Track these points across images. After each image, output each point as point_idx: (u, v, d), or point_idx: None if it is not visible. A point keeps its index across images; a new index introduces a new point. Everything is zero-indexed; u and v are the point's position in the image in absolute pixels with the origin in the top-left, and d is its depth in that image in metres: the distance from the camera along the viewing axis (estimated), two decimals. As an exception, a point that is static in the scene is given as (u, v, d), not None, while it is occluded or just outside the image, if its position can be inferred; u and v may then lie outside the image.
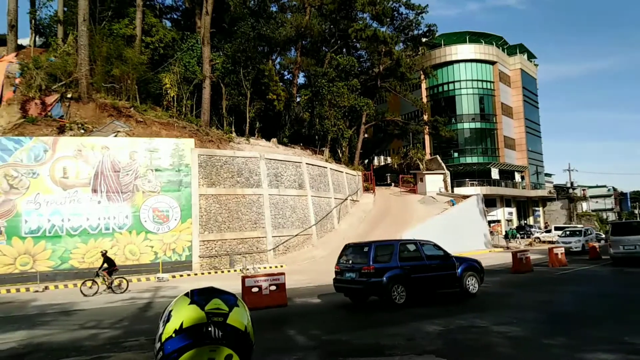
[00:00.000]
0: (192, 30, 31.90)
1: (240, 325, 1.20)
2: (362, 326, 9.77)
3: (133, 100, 25.64)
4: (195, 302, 1.21)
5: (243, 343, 1.20)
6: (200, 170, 22.94)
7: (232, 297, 1.26)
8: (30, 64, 23.33)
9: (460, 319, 9.77)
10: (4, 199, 19.84)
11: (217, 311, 1.19)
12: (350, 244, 13.38)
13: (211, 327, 1.16)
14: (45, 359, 8.21)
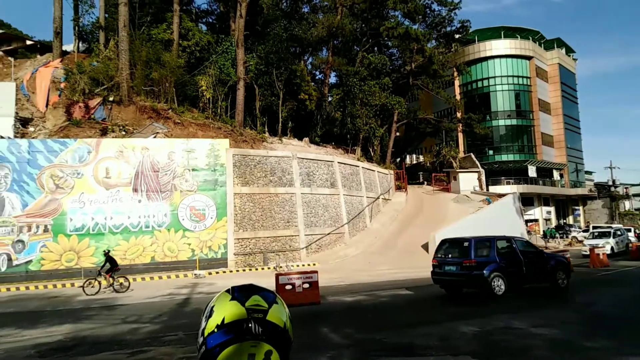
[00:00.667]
0: (227, 33, 32.59)
1: (279, 321, 1.24)
2: (395, 325, 9.75)
3: (171, 103, 26.48)
4: (236, 299, 1.26)
5: (282, 339, 1.23)
6: (234, 170, 23.47)
7: (272, 294, 1.30)
8: (74, 69, 24.42)
9: (497, 320, 9.65)
10: (50, 198, 20.84)
11: (257, 307, 1.23)
12: (447, 239, 14.17)
13: (251, 323, 1.21)
14: (90, 352, 8.51)
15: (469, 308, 11.60)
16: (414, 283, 16.32)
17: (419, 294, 14.08)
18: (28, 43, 32.61)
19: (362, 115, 33.75)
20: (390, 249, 25.96)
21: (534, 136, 51.44)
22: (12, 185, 20.51)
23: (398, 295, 14.11)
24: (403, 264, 22.55)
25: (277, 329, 1.23)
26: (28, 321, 11.75)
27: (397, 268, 21.45)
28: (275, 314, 1.25)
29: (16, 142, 21.17)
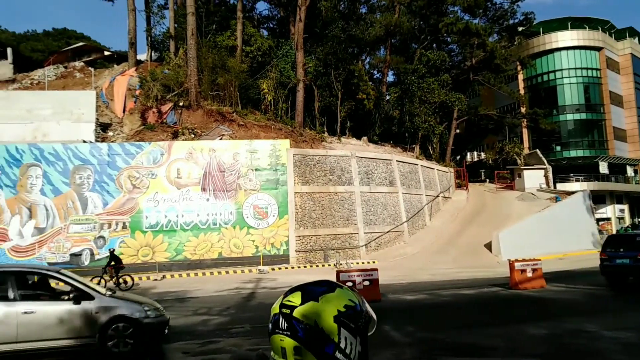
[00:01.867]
0: (287, 37, 33.54)
1: (309, 320, 1.23)
2: (458, 325, 9.62)
3: (235, 106, 27.72)
4: (284, 294, 1.32)
5: (313, 338, 1.22)
6: (295, 169, 24.19)
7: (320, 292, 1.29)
8: (148, 77, 26.18)
9: (568, 323, 9.27)
10: (128, 197, 22.49)
11: (288, 303, 1.27)
12: (614, 234, 15.83)
13: (280, 318, 1.26)
14: (166, 341, 8.84)
15: (535, 309, 11.32)
16: (477, 283, 16.10)
17: (482, 294, 13.86)
18: (106, 54, 35.30)
19: (421, 113, 33.55)
20: (451, 248, 25.72)
21: (605, 131, 48.58)
22: (94, 185, 22.29)
23: (460, 294, 13.94)
24: (465, 263, 22.30)
25: (306, 326, 1.22)
26: None
27: (458, 267, 21.24)
28: (308, 311, 1.24)
29: (97, 145, 23.01)
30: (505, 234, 24.46)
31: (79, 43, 41.51)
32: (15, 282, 7.83)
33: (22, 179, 21.89)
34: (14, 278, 7.88)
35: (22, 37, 58.98)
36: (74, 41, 49.27)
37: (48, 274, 8.47)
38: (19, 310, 7.52)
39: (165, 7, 33.84)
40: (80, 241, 21.80)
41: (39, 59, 40.86)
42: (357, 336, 1.26)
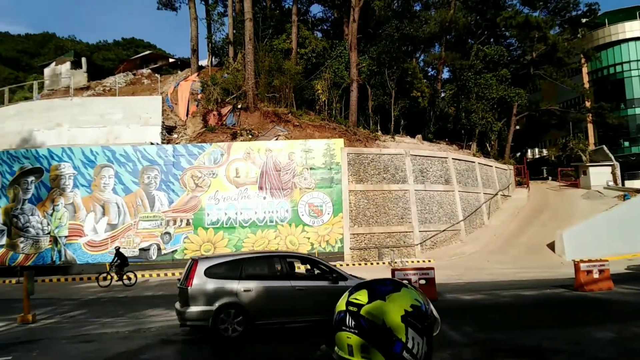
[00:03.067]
0: (340, 38, 33.99)
1: (377, 319, 1.23)
2: (519, 326, 9.42)
3: (290, 107, 28.49)
4: (349, 291, 1.33)
5: (380, 337, 1.22)
6: (349, 168, 24.51)
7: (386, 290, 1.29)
8: (209, 82, 27.48)
9: (637, 327, 8.87)
10: (191, 195, 23.71)
11: (355, 301, 1.27)
12: None
13: (347, 315, 1.27)
14: None
15: (602, 311, 10.95)
16: (539, 283, 15.68)
17: (545, 295, 13.50)
18: (170, 61, 37.32)
19: (478, 110, 32.87)
20: (510, 248, 25.05)
21: (678, 124, 45.34)
22: (161, 184, 23.69)
23: (521, 295, 13.61)
24: (526, 264, 21.59)
25: (374, 325, 1.23)
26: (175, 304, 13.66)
27: (518, 267, 20.66)
28: (374, 311, 1.24)
29: (163, 147, 24.42)
30: (569, 233, 23.55)
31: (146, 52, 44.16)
32: (284, 264, 9.57)
33: (96, 179, 23.62)
34: (283, 261, 9.66)
35: (94, 47, 63.41)
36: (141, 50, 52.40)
37: (308, 258, 10.42)
38: (294, 285, 9.17)
39: (225, 14, 35.39)
40: (148, 237, 23.23)
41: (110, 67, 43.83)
42: (423, 336, 1.26)
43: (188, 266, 9.45)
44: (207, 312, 8.65)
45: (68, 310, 13.27)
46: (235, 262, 9.60)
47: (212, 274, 9.01)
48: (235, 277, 9.11)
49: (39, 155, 23.94)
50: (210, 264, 9.22)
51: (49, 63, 40.69)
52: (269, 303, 9.04)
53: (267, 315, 9.07)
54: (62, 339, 9.38)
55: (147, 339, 9.12)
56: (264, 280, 9.30)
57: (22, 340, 8.52)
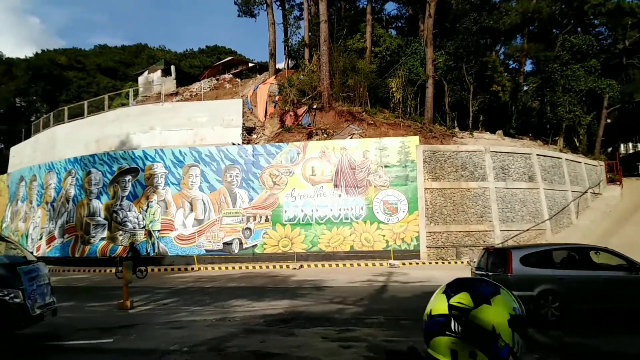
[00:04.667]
0: (415, 34, 33.64)
1: (485, 324, 1.18)
2: (614, 331, 8.97)
3: (365, 106, 28.71)
4: (445, 293, 1.28)
5: (489, 343, 1.17)
6: (425, 165, 24.24)
7: (488, 292, 1.25)
8: (285, 84, 28.51)
9: None
10: (269, 193, 24.71)
11: (460, 305, 1.22)
12: None
13: (452, 320, 1.21)
14: (305, 326, 9.52)
15: None
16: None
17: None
18: (250, 65, 39.07)
19: (565, 103, 30.98)
20: (602, 249, 23.37)
21: None
22: (242, 182, 24.93)
23: None
24: (618, 265, 20.15)
25: (481, 330, 1.19)
26: (256, 295, 13.87)
27: (612, 269, 19.29)
28: (483, 315, 1.20)
29: (244, 147, 25.68)
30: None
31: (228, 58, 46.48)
32: (587, 255, 10.57)
33: (184, 178, 25.39)
34: (586, 252, 10.66)
35: (182, 55, 67.74)
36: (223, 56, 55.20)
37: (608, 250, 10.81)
38: (600, 275, 10.08)
39: (301, 18, 36.41)
40: (231, 232, 24.56)
41: (195, 73, 46.73)
42: (524, 339, 1.24)
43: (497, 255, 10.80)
44: (529, 297, 9.42)
45: (161, 298, 14.22)
46: (547, 252, 10.77)
47: (527, 262, 9.98)
48: (549, 265, 10.25)
49: (135, 156, 26.16)
50: (524, 253, 10.21)
51: (143, 72, 44.30)
52: (580, 290, 9.77)
53: (578, 302, 9.75)
54: (156, 324, 10.10)
55: (232, 328, 9.60)
56: (573, 269, 10.25)
57: (122, 325, 9.20)
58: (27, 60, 64.87)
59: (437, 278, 16.58)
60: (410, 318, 9.57)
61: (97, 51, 75.20)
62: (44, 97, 60.33)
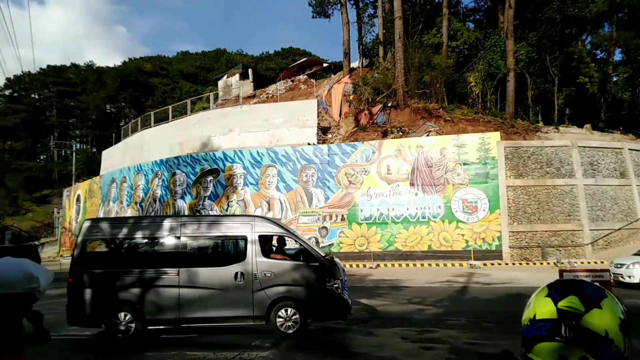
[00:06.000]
0: (495, 26, 32.38)
1: (598, 329, 1.13)
2: None
3: (441, 102, 28.08)
4: (550, 296, 1.22)
5: (601, 348, 1.13)
6: (506, 162, 23.28)
7: (596, 295, 1.20)
8: (360, 82, 28.55)
9: None
10: (345, 192, 24.84)
11: (570, 310, 1.16)
12: None
13: (562, 325, 1.15)
14: (384, 325, 9.48)
15: None
16: None
17: None
18: (324, 66, 39.58)
19: (662, 93, 28.49)
20: None
21: None
22: (317, 182, 25.27)
23: None
24: None
25: (594, 336, 1.13)
26: None
27: None
28: (595, 320, 1.14)
29: (319, 147, 26.03)
30: None
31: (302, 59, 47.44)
32: None
33: (262, 178, 26.18)
34: None
35: (258, 58, 70.07)
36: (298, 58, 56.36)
37: None
38: None
39: (375, 16, 36.33)
40: (307, 230, 24.91)
41: (271, 76, 48.05)
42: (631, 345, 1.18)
43: None
44: None
45: None
46: None
47: None
48: None
49: (216, 158, 27.36)
50: None
51: (222, 76, 46.27)
52: None
53: None
54: None
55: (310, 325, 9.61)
56: None
57: None
58: (116, 69, 70.09)
59: (522, 280, 15.93)
60: (493, 320, 9.28)
61: (179, 58, 79.66)
62: (132, 103, 64.86)
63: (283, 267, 9.02)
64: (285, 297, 8.81)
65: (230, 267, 8.94)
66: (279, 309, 8.74)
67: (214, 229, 9.51)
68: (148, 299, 8.76)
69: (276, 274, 8.85)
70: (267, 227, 9.38)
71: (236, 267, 8.87)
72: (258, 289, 8.76)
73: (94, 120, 69.29)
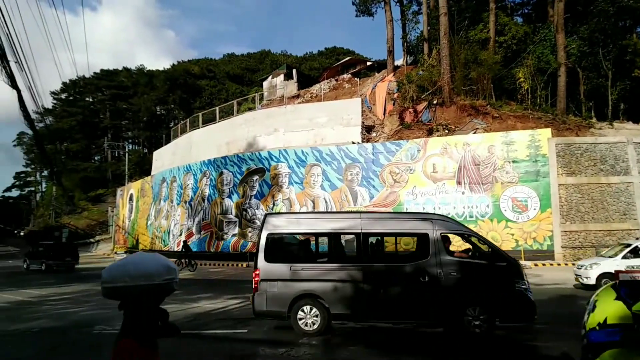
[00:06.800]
0: (544, 20, 31.38)
1: None
2: None
3: (489, 99, 27.49)
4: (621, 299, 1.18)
5: None
6: (558, 160, 22.59)
7: None
8: (404, 80, 28.37)
9: None
10: (390, 191, 24.80)
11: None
12: None
13: None
14: None
15: None
16: None
17: None
18: (368, 64, 39.51)
19: None
20: None
21: None
22: (362, 181, 25.35)
23: None
24: None
25: None
26: None
27: None
28: None
29: (363, 146, 26.10)
30: None
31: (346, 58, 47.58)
32: None
33: (306, 177, 26.53)
34: None
35: (302, 59, 70.86)
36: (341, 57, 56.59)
37: None
38: None
39: (419, 12, 35.90)
40: (352, 229, 25.10)
41: (315, 75, 48.46)
42: None
43: None
44: None
45: None
46: None
47: None
48: None
49: (261, 157, 27.95)
50: None
51: (267, 77, 47.10)
52: None
53: None
54: None
55: None
56: None
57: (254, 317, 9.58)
58: (165, 72, 72.57)
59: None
60: (545, 322, 9.11)
61: (226, 60, 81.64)
62: (181, 104, 66.96)
63: (470, 266, 8.73)
64: (472, 296, 8.52)
65: (412, 264, 8.83)
66: (466, 309, 8.49)
67: (394, 225, 9.51)
68: (332, 294, 8.77)
69: (462, 273, 8.55)
70: (448, 225, 9.15)
71: (419, 265, 8.70)
72: (443, 287, 8.49)
73: (145, 122, 72.08)
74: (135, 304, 2.57)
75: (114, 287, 2.55)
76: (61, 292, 16.72)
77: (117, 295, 2.58)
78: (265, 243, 9.16)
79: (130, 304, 2.58)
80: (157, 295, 2.63)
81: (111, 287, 2.56)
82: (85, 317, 11.55)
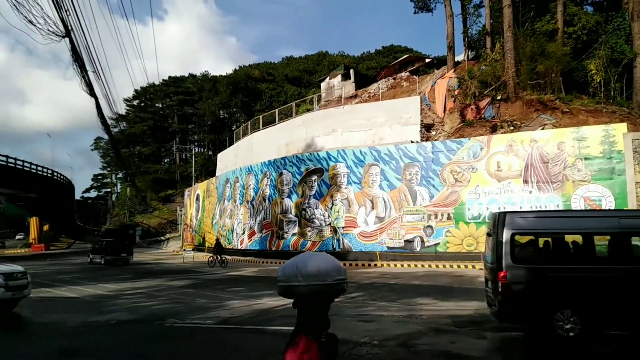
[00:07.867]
0: (618, 8, 29.19)
1: None
2: None
3: (558, 93, 25.99)
4: None
5: None
6: (635, 156, 20.90)
7: None
8: (465, 76, 27.46)
9: None
10: (451, 190, 24.06)
11: None
12: None
13: None
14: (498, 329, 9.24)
15: None
16: None
17: None
18: (426, 61, 38.74)
19: None
20: None
21: None
22: (421, 180, 24.81)
23: None
24: None
25: None
26: (441, 294, 13.62)
27: None
28: None
29: (423, 144, 25.54)
30: None
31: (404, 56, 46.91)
32: None
33: (365, 177, 26.36)
34: None
35: (359, 58, 70.83)
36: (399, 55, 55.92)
37: None
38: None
39: (481, 5, 34.67)
40: (412, 229, 24.64)
41: (372, 75, 48.18)
42: None
43: None
44: None
45: (348, 292, 15.02)
46: None
47: None
48: None
49: (320, 158, 28.13)
50: None
51: (324, 78, 47.44)
52: None
53: None
54: (347, 316, 10.69)
55: (420, 325, 9.65)
56: None
57: None
58: (228, 77, 75.12)
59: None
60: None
61: (284, 63, 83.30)
62: (242, 108, 69.03)
63: None
64: None
65: None
66: None
67: None
68: (593, 299, 8.10)
69: None
70: None
71: None
72: None
73: (209, 126, 74.99)
74: (307, 303, 2.61)
75: (289, 286, 2.59)
76: (135, 287, 17.76)
77: (291, 293, 2.61)
78: (510, 243, 8.50)
79: (302, 302, 2.62)
80: (327, 296, 2.64)
81: (285, 285, 2.61)
82: (158, 311, 12.19)
